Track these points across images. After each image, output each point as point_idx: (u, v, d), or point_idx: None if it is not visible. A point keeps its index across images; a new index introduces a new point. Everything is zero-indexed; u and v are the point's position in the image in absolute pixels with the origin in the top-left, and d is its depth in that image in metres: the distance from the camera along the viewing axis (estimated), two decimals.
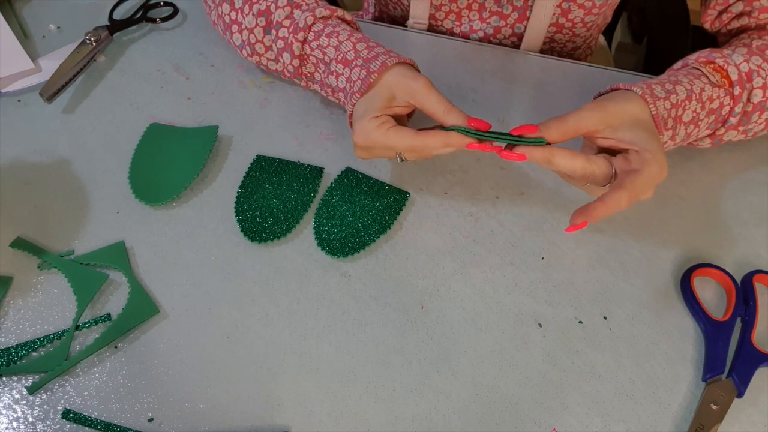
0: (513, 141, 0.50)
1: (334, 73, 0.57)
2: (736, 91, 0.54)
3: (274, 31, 0.59)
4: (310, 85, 0.62)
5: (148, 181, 0.60)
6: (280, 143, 0.63)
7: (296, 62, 0.59)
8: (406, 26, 0.75)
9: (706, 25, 0.67)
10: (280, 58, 0.60)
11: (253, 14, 0.59)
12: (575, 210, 0.49)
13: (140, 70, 0.69)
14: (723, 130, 0.57)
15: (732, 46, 0.59)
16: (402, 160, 0.54)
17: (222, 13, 0.62)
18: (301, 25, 0.57)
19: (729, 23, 0.64)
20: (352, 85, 0.55)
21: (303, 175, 0.60)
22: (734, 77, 0.54)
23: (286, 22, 0.58)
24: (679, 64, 0.58)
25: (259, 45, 0.61)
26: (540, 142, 0.49)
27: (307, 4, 0.59)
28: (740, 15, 0.62)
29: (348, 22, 0.60)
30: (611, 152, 0.51)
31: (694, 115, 0.53)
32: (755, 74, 0.55)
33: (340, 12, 0.59)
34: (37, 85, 0.67)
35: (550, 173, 0.61)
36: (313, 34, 0.57)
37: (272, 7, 0.59)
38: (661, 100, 0.52)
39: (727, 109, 0.55)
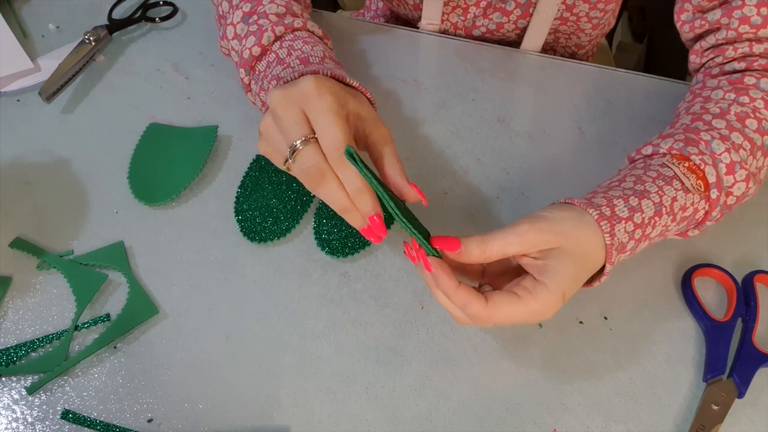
0: (420, 240, 0.43)
1: (286, 65, 0.51)
2: (713, 194, 0.48)
3: (255, 17, 0.55)
4: (251, 85, 0.56)
5: (147, 181, 0.59)
6: None
7: (257, 50, 0.53)
8: (417, 27, 0.75)
9: (678, 24, 0.60)
10: (244, 40, 0.54)
11: (244, 0, 0.57)
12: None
13: (139, 69, 0.69)
14: (697, 231, 0.52)
15: (709, 101, 0.53)
16: (289, 159, 0.45)
17: (223, 12, 0.60)
18: (286, 22, 0.54)
19: (705, 38, 0.57)
20: (292, 73, 0.49)
21: None
22: (711, 179, 0.48)
23: (273, 18, 0.55)
24: (649, 149, 0.51)
25: (230, 29, 0.57)
26: (429, 247, 0.44)
27: (303, 19, 0.56)
28: (717, 29, 0.56)
29: (331, 51, 0.57)
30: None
31: (663, 228, 0.48)
32: (738, 166, 0.48)
33: (330, 43, 0.58)
34: (36, 85, 0.67)
35: (552, 174, 0.61)
36: (292, 36, 0.54)
37: (265, 0, 0.56)
38: (623, 222, 0.45)
39: (701, 213, 0.49)
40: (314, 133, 0.45)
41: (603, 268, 0.46)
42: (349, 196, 0.45)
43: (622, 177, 0.49)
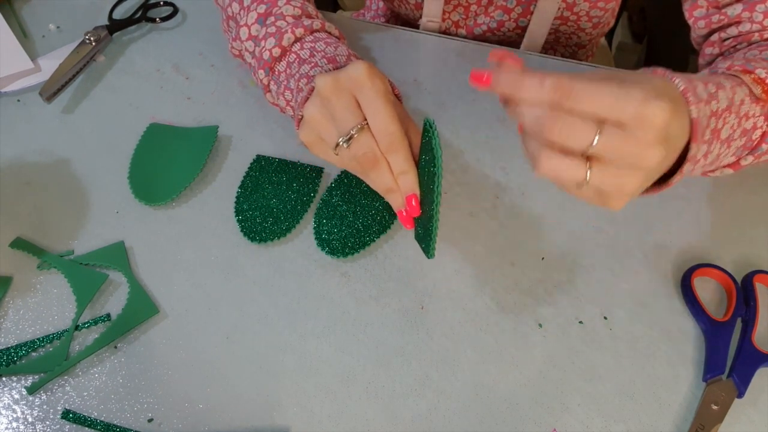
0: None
1: (313, 64, 0.52)
2: None
3: (272, 18, 0.55)
4: (270, 86, 0.56)
5: (147, 181, 0.60)
6: (280, 143, 0.63)
7: (277, 51, 0.54)
8: (418, 24, 0.75)
9: (690, 21, 0.59)
10: (262, 42, 0.55)
11: (257, 2, 0.57)
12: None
13: (140, 69, 0.69)
14: (751, 158, 0.48)
15: (744, 58, 0.50)
16: (347, 141, 0.45)
17: (233, 13, 0.60)
18: (305, 24, 0.55)
19: (724, 30, 0.56)
20: (323, 71, 0.50)
21: (303, 175, 0.60)
22: None
23: (290, 19, 0.55)
24: (705, 71, 0.48)
25: (244, 30, 0.57)
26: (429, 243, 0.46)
27: (320, 20, 0.57)
28: (738, 22, 0.55)
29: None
30: None
31: (731, 131, 0.44)
32: None
33: (346, 42, 0.58)
34: (36, 85, 0.67)
35: None
36: (312, 37, 0.55)
37: (281, 1, 0.56)
38: (703, 103, 0.40)
39: (758, 133, 0.46)
40: (366, 120, 0.45)
41: (681, 165, 0.41)
42: (395, 178, 0.46)
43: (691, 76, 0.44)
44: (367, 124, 0.46)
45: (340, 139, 0.46)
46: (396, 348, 0.51)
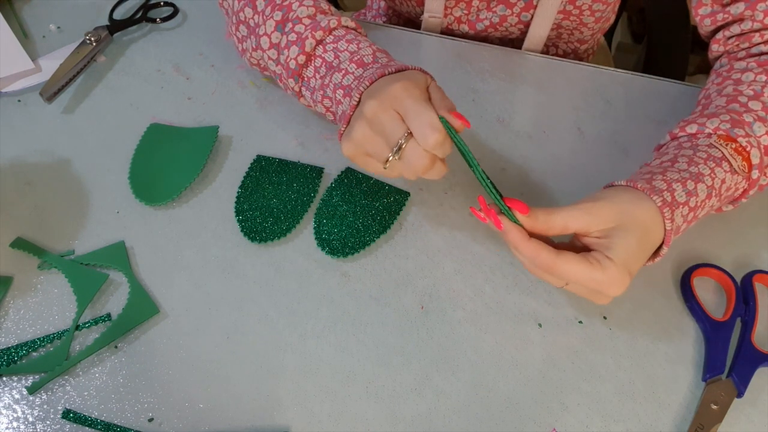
0: (496, 199, 0.47)
1: (343, 71, 0.53)
2: (755, 174, 0.51)
3: (290, 24, 0.56)
4: (302, 92, 0.58)
5: (148, 181, 0.60)
6: (280, 143, 0.63)
7: (302, 59, 0.55)
8: (420, 21, 0.75)
9: (697, 19, 0.62)
10: (285, 51, 0.56)
11: (271, 7, 0.57)
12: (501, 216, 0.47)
13: (140, 70, 0.69)
14: (731, 207, 0.54)
15: (741, 83, 0.55)
16: (393, 158, 0.47)
17: (245, 18, 0.60)
18: (323, 25, 0.55)
19: (728, 28, 0.59)
20: (360, 81, 0.51)
21: (303, 175, 0.60)
22: (755, 161, 0.50)
23: (307, 21, 0.55)
24: (694, 127, 0.52)
25: (265, 39, 0.57)
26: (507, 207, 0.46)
27: (335, 15, 0.57)
28: (741, 20, 0.58)
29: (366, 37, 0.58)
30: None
31: (709, 208, 0.51)
32: None
33: (363, 30, 0.58)
34: (37, 85, 0.67)
35: (551, 174, 0.61)
36: (332, 37, 0.55)
37: (295, 5, 0.56)
38: (681, 206, 0.47)
39: (740, 192, 0.52)
40: (410, 131, 0.47)
41: (659, 249, 0.48)
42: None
43: (673, 157, 0.51)
44: (411, 133, 0.47)
45: (390, 154, 0.47)
46: (396, 348, 0.51)
